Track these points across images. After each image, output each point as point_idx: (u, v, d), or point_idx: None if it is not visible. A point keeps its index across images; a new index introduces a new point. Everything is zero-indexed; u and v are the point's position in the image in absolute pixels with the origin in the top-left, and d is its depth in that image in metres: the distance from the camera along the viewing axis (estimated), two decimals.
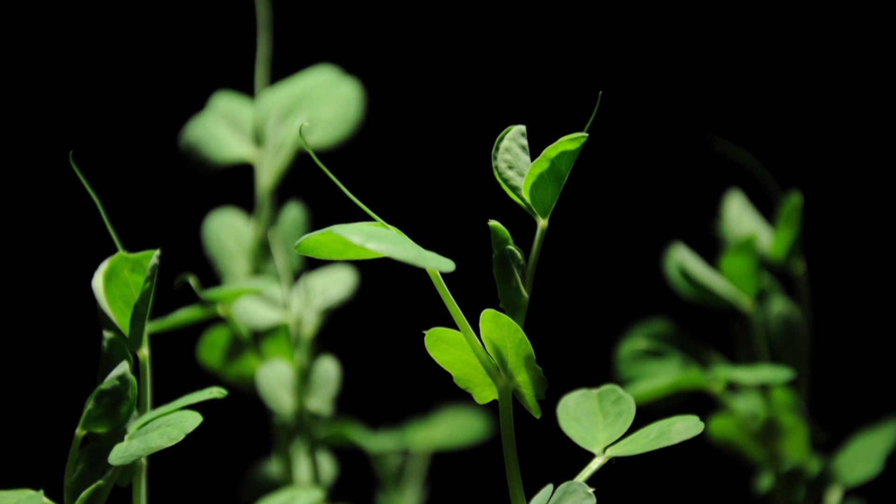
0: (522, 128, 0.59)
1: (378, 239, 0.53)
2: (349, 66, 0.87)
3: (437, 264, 0.52)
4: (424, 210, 1.14)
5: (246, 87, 0.87)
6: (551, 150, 0.56)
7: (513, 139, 0.58)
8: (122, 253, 0.61)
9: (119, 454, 0.58)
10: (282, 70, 0.87)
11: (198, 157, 0.84)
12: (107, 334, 0.61)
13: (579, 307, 1.17)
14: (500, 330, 0.56)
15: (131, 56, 1.16)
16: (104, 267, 0.61)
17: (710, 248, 0.87)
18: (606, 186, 1.19)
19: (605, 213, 1.18)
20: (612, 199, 1.19)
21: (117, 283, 0.60)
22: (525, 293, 0.57)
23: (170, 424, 0.58)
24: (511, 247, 0.57)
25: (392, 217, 0.57)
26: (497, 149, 0.58)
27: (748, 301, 0.82)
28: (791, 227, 0.83)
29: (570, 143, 0.56)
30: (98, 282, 0.61)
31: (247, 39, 0.86)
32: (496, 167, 0.58)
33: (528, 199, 0.57)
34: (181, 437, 0.58)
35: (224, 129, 0.85)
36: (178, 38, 1.16)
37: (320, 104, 0.85)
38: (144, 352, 0.61)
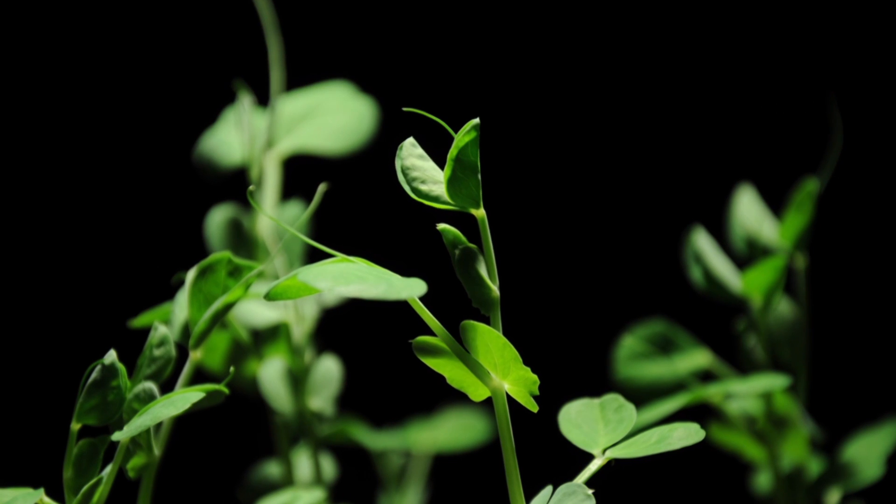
0: (411, 140, 0.58)
1: (345, 281, 0.52)
2: (364, 83, 0.88)
3: (408, 293, 0.52)
4: (427, 216, 1.14)
5: (261, 101, 0.87)
6: (453, 151, 0.56)
7: (409, 155, 0.58)
8: (228, 253, 0.61)
9: (125, 429, 0.58)
10: (297, 86, 0.88)
11: (210, 163, 0.85)
12: (159, 326, 0.61)
13: (578, 304, 1.17)
14: (482, 337, 0.56)
15: (156, 66, 1.17)
16: (205, 260, 0.61)
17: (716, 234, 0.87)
18: (606, 181, 1.19)
19: (606, 208, 1.18)
20: (614, 195, 1.19)
21: (210, 280, 0.61)
22: (494, 288, 0.57)
23: (174, 401, 0.59)
24: (466, 245, 0.57)
25: (397, 224, 0.57)
26: (402, 173, 0.57)
27: (759, 301, 0.82)
28: (802, 214, 0.82)
29: (466, 135, 0.56)
30: (192, 272, 0.61)
31: (263, 52, 0.86)
32: (411, 189, 0.57)
33: (453, 202, 0.57)
34: (187, 406, 0.58)
35: (235, 135, 0.85)
36: (196, 46, 1.17)
37: (334, 114, 0.85)
38: (199, 354, 0.62)
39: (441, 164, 0.58)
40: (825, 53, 1.16)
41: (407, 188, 0.57)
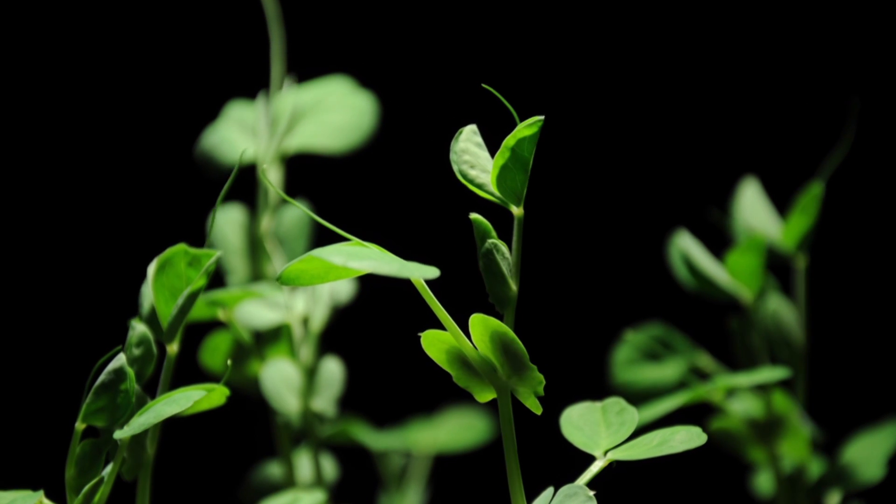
0: (473, 127, 0.59)
1: (359, 257, 0.53)
2: (365, 78, 0.88)
3: (420, 273, 0.53)
4: (432, 217, 1.14)
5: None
6: (510, 140, 0.57)
7: (467, 140, 0.59)
8: (183, 245, 0.61)
9: (127, 428, 0.58)
10: (299, 80, 0.88)
11: (211, 163, 0.85)
12: (137, 325, 0.61)
13: (573, 307, 1.17)
14: (491, 333, 0.56)
15: (155, 67, 1.17)
16: (162, 255, 0.61)
17: (708, 239, 0.87)
18: (599, 182, 1.19)
19: (600, 210, 1.18)
20: (607, 197, 1.19)
21: (170, 273, 0.61)
22: (513, 286, 0.57)
23: (176, 399, 0.59)
24: (494, 240, 0.57)
25: (398, 221, 0.57)
26: (455, 152, 0.58)
27: (749, 296, 0.82)
28: (806, 217, 0.82)
29: (527, 128, 0.57)
30: (151, 268, 0.61)
31: (263, 48, 0.86)
32: (459, 171, 0.58)
33: (497, 191, 0.58)
34: (189, 404, 0.58)
35: (236, 133, 0.85)
36: (195, 44, 1.17)
37: (334, 111, 0.85)
38: (175, 347, 0.62)
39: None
40: (824, 51, 1.16)
41: (455, 168, 0.58)
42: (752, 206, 0.86)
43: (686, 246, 0.83)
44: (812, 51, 1.17)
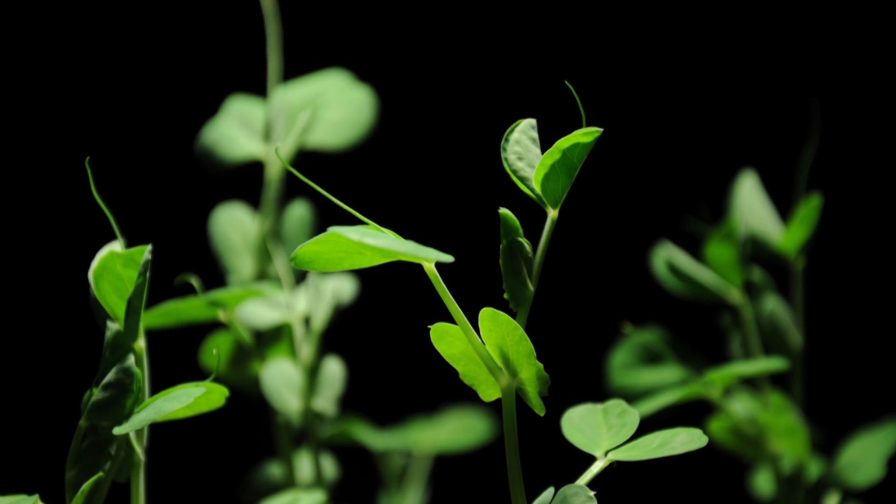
0: (533, 121, 0.60)
1: (375, 236, 0.53)
2: (359, 70, 0.88)
3: (435, 256, 0.53)
4: (434, 214, 1.14)
5: (259, 90, 0.87)
6: (564, 142, 0.57)
7: (523, 132, 0.59)
8: (111, 250, 0.61)
9: (127, 425, 0.58)
10: (294, 74, 0.88)
11: (212, 159, 0.85)
12: (111, 325, 0.61)
13: (569, 312, 1.17)
14: (500, 328, 0.56)
15: (149, 61, 1.16)
16: (94, 264, 0.61)
17: (695, 248, 0.87)
18: (596, 185, 1.19)
19: (595, 215, 1.19)
20: (601, 201, 1.19)
21: (109, 278, 0.61)
22: (531, 286, 0.57)
23: (176, 396, 0.59)
24: (520, 238, 0.57)
25: (400, 219, 0.57)
26: (507, 140, 0.59)
27: (736, 293, 0.83)
28: (805, 227, 0.83)
29: (584, 136, 0.57)
30: (91, 277, 0.61)
31: (260, 43, 0.86)
32: (506, 158, 0.58)
33: (538, 189, 0.58)
34: (190, 400, 0.58)
35: (236, 129, 0.85)
36: (192, 40, 1.17)
37: (332, 106, 0.85)
38: (141, 343, 0.62)
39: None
40: (808, 50, 1.17)
41: (503, 157, 0.58)
42: (750, 205, 0.86)
43: (670, 252, 0.83)
44: (794, 47, 1.17)
